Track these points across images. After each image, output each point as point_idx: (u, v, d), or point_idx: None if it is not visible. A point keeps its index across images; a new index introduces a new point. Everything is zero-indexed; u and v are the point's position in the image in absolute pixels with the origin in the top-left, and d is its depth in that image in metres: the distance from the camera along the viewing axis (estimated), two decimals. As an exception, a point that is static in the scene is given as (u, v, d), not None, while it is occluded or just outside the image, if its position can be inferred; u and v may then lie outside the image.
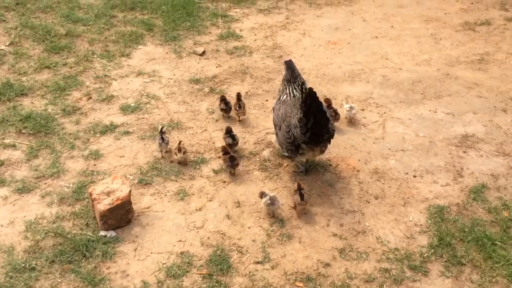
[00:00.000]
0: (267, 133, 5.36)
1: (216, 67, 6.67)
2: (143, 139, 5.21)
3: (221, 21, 7.94)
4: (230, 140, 4.95)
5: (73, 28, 7.08)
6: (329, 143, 4.54)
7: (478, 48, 7.24)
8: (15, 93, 5.68)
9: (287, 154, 4.75)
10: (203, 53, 6.99)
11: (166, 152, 4.99)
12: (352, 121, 5.51)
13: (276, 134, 4.70)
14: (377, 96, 6.05)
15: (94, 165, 4.85)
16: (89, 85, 6.06)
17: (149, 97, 5.94)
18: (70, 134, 5.22)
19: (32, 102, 5.63)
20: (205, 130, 5.42)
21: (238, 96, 5.53)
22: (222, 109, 5.56)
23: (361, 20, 8.07)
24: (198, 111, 5.72)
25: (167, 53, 6.92)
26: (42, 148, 5.00)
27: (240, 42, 7.32)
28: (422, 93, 6.13)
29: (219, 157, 4.98)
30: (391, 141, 5.28)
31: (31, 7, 7.37)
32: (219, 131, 5.39)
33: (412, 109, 5.83)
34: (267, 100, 5.95)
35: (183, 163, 4.90)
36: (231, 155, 4.70)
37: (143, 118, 5.55)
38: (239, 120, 5.58)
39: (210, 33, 7.55)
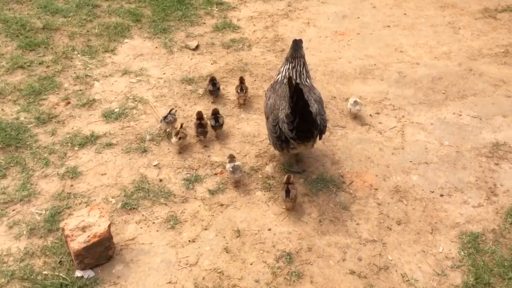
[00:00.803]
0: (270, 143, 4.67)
1: (212, 63, 5.96)
2: (128, 153, 4.54)
3: (216, 9, 7.18)
4: (213, 122, 4.69)
5: (51, 21, 6.32)
6: (320, 139, 4.23)
7: (501, 38, 6.52)
8: (-18, 99, 4.97)
9: (276, 149, 4.30)
10: (197, 47, 6.27)
11: (169, 131, 4.76)
12: (356, 118, 5.02)
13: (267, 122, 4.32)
14: (393, 97, 5.36)
15: (71, 185, 4.19)
16: (68, 87, 5.35)
17: (136, 100, 5.24)
18: (45, 147, 4.54)
19: (2, 109, 4.93)
20: (200, 140, 4.73)
21: (241, 79, 5.20)
22: (209, 91, 5.20)
23: (371, 7, 7.32)
24: (192, 117, 5.03)
25: (156, 47, 6.19)
26: (11, 166, 4.33)
27: (237, 34, 6.59)
28: (443, 93, 5.44)
29: (216, 174, 4.32)
30: (412, 152, 4.62)
31: (4, -4, 6.59)
32: (215, 141, 4.72)
33: (433, 112, 5.15)
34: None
35: (179, 149, 4.56)
36: (200, 122, 4.60)
37: (128, 127, 4.86)
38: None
39: (204, 23, 6.80)
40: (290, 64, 4.24)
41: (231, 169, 4.15)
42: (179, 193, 4.16)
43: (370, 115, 5.10)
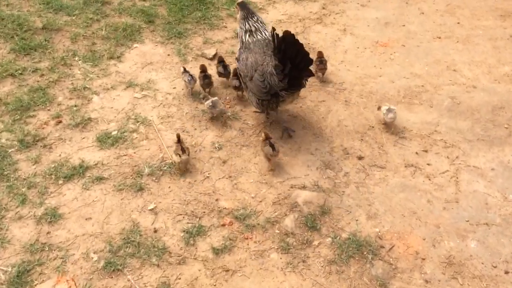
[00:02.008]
0: (292, 186, 3.83)
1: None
2: (120, 191, 3.77)
3: (241, 10, 6.27)
4: (221, 69, 4.79)
5: (52, 19, 5.58)
6: (304, 87, 4.20)
7: None
8: (-39, 114, 4.27)
9: (264, 111, 4.42)
10: (214, 56, 5.42)
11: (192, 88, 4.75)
12: (389, 127, 4.33)
13: (245, 87, 4.38)
14: (445, 130, 4.43)
15: (48, 232, 3.46)
16: (62, 101, 4.61)
17: (138, 121, 4.47)
18: (24, 179, 3.82)
19: (-19, 128, 4.21)
20: (208, 177, 3.93)
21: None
22: (219, 73, 4.88)
23: (419, 13, 6.32)
24: (201, 145, 4.23)
25: (168, 55, 5.39)
26: (-19, 202, 3.60)
27: (262, 41, 5.68)
28: (507, 127, 4.48)
29: (224, 225, 3.52)
30: (468, 207, 3.70)
31: (3, -10, 5.87)
32: (226, 179, 3.91)
33: (494, 152, 4.20)
34: (293, 131, 4.39)
35: (183, 168, 3.98)
36: (206, 74, 4.70)
37: (125, 156, 4.09)
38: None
39: (226, 27, 5.95)
40: (252, 19, 4.38)
41: (210, 104, 4.27)
42: (176, 250, 3.37)
43: (417, 153, 4.20)
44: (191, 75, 4.68)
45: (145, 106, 4.67)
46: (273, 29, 3.91)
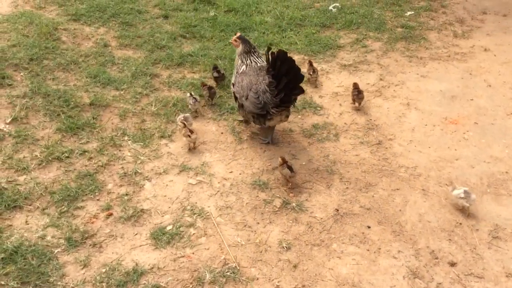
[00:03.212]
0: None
1: (290, 159, 4.70)
2: (180, 304, 3.26)
3: (294, 82, 5.93)
4: (216, 74, 5.52)
5: (100, 94, 5.31)
6: (294, 106, 4.83)
7: None
8: (5, 206, 3.93)
9: (257, 124, 4.77)
10: (271, 140, 5.03)
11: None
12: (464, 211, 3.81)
13: (240, 106, 4.75)
14: (545, 230, 3.85)
15: None
16: (112, 189, 4.22)
17: (195, 213, 4.04)
18: None
19: (26, 222, 3.85)
20: (277, 286, 3.40)
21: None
22: (215, 78, 5.49)
23: (485, 85, 5.88)
24: (266, 243, 3.76)
25: (222, 133, 5.02)
26: (24, 316, 3.14)
27: (320, 117, 5.32)
28: None
29: None
30: None
31: (49, 63, 5.66)
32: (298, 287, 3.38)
33: None
34: (369, 227, 3.88)
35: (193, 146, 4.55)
36: (208, 86, 5.27)
37: (182, 257, 3.63)
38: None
39: (280, 101, 5.56)
40: (254, 55, 4.75)
41: (182, 118, 4.71)
42: None
43: (516, 258, 3.61)
44: (195, 98, 5.11)
45: (201, 194, 4.25)
46: (268, 48, 4.39)
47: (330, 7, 7.78)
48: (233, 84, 4.85)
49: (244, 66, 4.76)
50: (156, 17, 7.18)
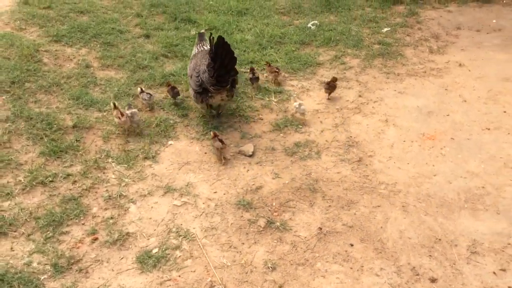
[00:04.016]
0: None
1: (273, 178, 4.78)
2: (168, 328, 3.29)
3: (275, 100, 6.10)
4: (145, 96, 5.60)
5: (83, 117, 5.33)
6: (234, 88, 5.34)
7: None
8: (-11, 233, 3.89)
9: (199, 103, 5.36)
10: (253, 153, 5.12)
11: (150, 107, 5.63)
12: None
13: (190, 85, 5.40)
14: (520, 243, 4.00)
15: None
16: (97, 212, 4.24)
17: (180, 235, 4.08)
18: (59, 314, 3.35)
19: (11, 249, 3.85)
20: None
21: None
22: (143, 99, 5.58)
23: (460, 100, 6.08)
24: (251, 264, 3.82)
25: (205, 153, 5.09)
26: None
27: (302, 135, 5.43)
28: None
29: None
30: None
31: (31, 86, 5.65)
32: (286, 309, 3.44)
33: None
34: (351, 245, 3.97)
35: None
36: (173, 85, 5.74)
37: (169, 281, 3.68)
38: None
39: (262, 119, 5.71)
40: (202, 43, 5.55)
41: (129, 114, 5.13)
42: None
43: (494, 272, 3.76)
44: (148, 93, 5.54)
45: (186, 215, 4.30)
46: (210, 34, 5.01)
47: (309, 25, 7.93)
48: (188, 68, 5.55)
49: (195, 51, 5.51)
50: (138, 36, 7.22)
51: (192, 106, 5.79)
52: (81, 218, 4.19)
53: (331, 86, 6.03)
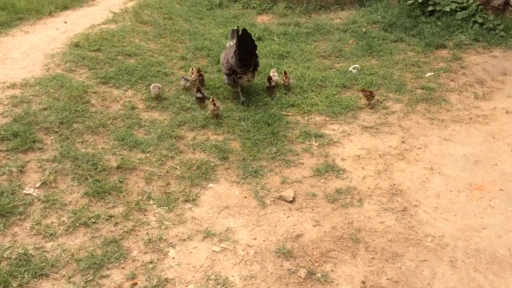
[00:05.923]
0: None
1: (314, 225, 4.69)
2: None
3: (316, 144, 6.04)
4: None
5: (127, 158, 5.42)
6: (256, 70, 6.77)
7: None
8: (32, 274, 3.97)
9: (231, 84, 6.69)
10: (294, 199, 5.05)
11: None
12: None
13: (222, 71, 6.80)
14: None
15: None
16: (137, 256, 4.24)
17: (219, 283, 4.01)
18: None
19: (52, 291, 3.84)
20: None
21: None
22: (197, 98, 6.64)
23: (509, 149, 5.86)
24: (292, 318, 3.66)
25: (245, 197, 5.05)
26: None
27: (343, 181, 5.33)
28: None
29: None
30: None
31: (78, 127, 5.83)
32: None
33: None
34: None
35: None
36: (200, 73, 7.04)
37: (207, 331, 3.56)
38: None
39: (302, 164, 5.65)
40: (233, 40, 6.73)
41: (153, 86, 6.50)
42: None
43: None
44: (185, 78, 6.93)
45: (225, 262, 4.24)
46: (237, 27, 6.48)
47: (350, 68, 7.93)
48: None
49: (228, 44, 6.95)
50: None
51: (233, 148, 5.80)
52: (121, 261, 4.19)
53: (368, 93, 6.80)
